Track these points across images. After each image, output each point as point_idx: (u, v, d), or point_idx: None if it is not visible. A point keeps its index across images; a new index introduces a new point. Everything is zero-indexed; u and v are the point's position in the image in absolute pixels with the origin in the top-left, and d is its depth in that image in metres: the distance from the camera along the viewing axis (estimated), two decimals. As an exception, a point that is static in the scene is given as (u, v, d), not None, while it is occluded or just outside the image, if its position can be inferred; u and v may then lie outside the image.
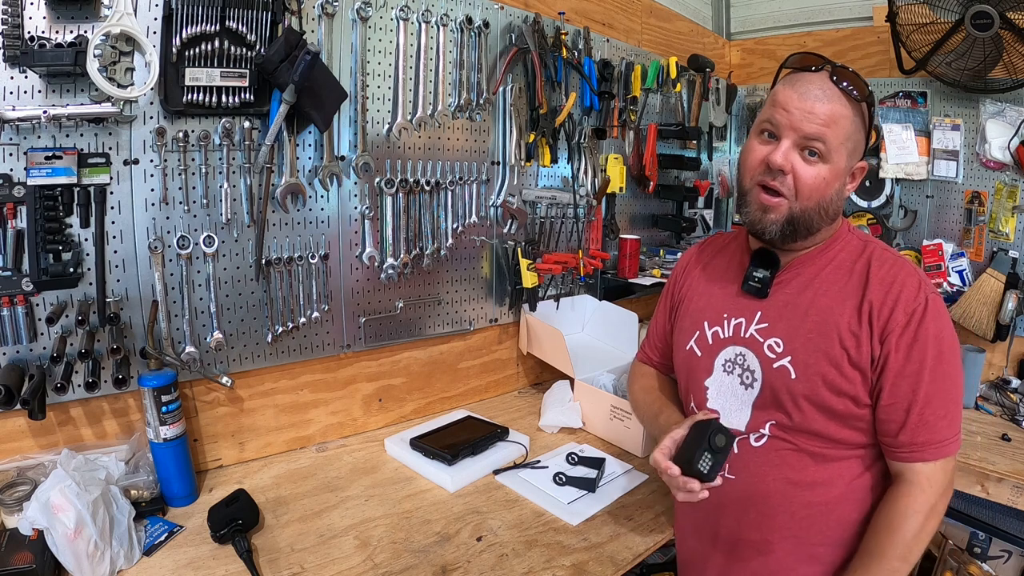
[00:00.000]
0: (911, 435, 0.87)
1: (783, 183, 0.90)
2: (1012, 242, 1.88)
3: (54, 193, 1.02)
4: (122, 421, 1.17)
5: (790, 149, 0.89)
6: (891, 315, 0.88)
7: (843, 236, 0.99)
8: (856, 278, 0.93)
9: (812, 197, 0.90)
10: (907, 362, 0.87)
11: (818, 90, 0.88)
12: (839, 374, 0.89)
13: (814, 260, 0.97)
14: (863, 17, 2.25)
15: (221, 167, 1.19)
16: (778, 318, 0.96)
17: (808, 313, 0.94)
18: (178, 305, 1.19)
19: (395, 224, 1.46)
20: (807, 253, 0.98)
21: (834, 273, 0.95)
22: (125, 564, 0.95)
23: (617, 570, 1.03)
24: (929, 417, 0.87)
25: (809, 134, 0.88)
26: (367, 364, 1.50)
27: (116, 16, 1.01)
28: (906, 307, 0.88)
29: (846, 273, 0.94)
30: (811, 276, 0.96)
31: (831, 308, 0.92)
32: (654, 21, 2.17)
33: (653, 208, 2.23)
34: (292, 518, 1.13)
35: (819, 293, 0.94)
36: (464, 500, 1.22)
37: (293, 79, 1.13)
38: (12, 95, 0.99)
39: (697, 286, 1.12)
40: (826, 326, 0.91)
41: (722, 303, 1.04)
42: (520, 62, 1.65)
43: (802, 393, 0.91)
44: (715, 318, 1.04)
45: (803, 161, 0.89)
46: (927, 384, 0.87)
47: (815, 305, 0.94)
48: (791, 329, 0.94)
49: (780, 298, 0.98)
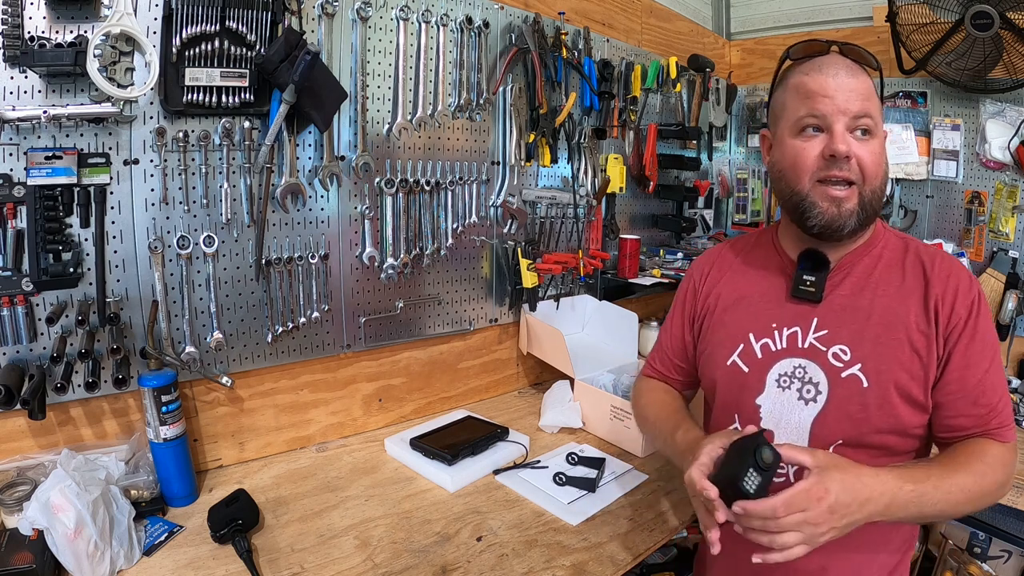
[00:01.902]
0: (983, 422, 0.86)
1: (850, 170, 0.86)
2: (1012, 242, 1.88)
3: (54, 193, 1.02)
4: (122, 421, 1.17)
5: (846, 133, 0.86)
6: (953, 309, 0.86)
7: (881, 232, 0.96)
8: (912, 274, 0.90)
9: (877, 175, 0.88)
10: (973, 355, 0.86)
11: (843, 68, 0.87)
12: (910, 378, 0.87)
13: (861, 258, 0.94)
14: (863, 17, 2.25)
15: (221, 167, 1.19)
16: (839, 323, 0.91)
17: (871, 315, 0.89)
18: (178, 305, 1.19)
19: (395, 224, 1.46)
20: (854, 251, 0.94)
21: (886, 271, 0.92)
22: (125, 564, 0.95)
23: (617, 570, 1.03)
24: (997, 404, 0.87)
25: (858, 112, 0.85)
26: (367, 364, 1.50)
27: (116, 16, 1.01)
28: (965, 300, 0.87)
29: (899, 270, 0.91)
30: (863, 275, 0.92)
31: (895, 309, 0.89)
32: (654, 21, 2.17)
33: (653, 208, 2.23)
34: (292, 518, 1.13)
35: (878, 293, 0.90)
36: (464, 500, 1.22)
37: (293, 79, 1.13)
38: (12, 95, 0.99)
39: (729, 294, 1.04)
40: (894, 328, 0.88)
41: (767, 312, 0.97)
42: (520, 62, 1.65)
43: (875, 403, 0.87)
44: (762, 329, 0.97)
45: (858, 142, 0.86)
46: (993, 374, 0.87)
47: (876, 306, 0.90)
48: (856, 334, 0.89)
49: (836, 301, 0.92)
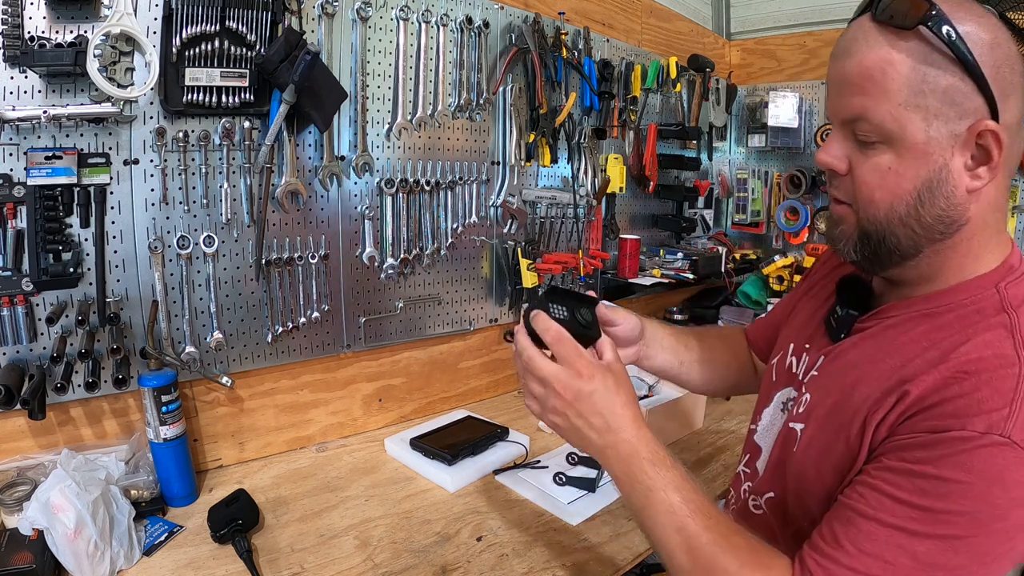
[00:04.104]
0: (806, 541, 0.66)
1: (840, 187, 0.68)
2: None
3: (54, 193, 1.02)
4: (122, 421, 1.17)
5: (839, 141, 0.66)
6: (909, 414, 0.60)
7: (982, 289, 0.64)
8: (923, 345, 0.64)
9: (876, 200, 0.64)
10: (887, 485, 0.60)
11: (849, 43, 0.62)
12: (830, 472, 0.68)
13: (916, 312, 0.67)
14: (863, 17, 2.25)
15: (221, 167, 1.19)
16: (827, 370, 0.75)
17: (847, 379, 0.69)
18: (178, 305, 1.19)
19: (395, 224, 1.46)
20: (913, 299, 0.69)
21: (919, 335, 0.66)
22: (125, 564, 0.95)
23: (617, 570, 1.03)
24: (847, 555, 0.61)
25: (846, 115, 0.63)
26: (367, 364, 1.50)
27: (116, 16, 1.01)
28: (937, 416, 0.58)
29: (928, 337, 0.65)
30: (898, 334, 0.68)
31: (866, 381, 0.66)
32: (654, 21, 2.17)
33: (653, 208, 2.23)
34: (292, 518, 1.13)
35: (881, 358, 0.67)
36: (464, 500, 1.22)
37: (293, 79, 1.13)
38: (12, 95, 0.99)
39: (808, 296, 0.92)
40: (846, 407, 0.67)
41: (808, 326, 0.85)
42: (520, 62, 1.65)
43: (795, 471, 0.73)
44: (799, 345, 0.84)
45: (861, 154, 0.64)
46: (891, 540, 0.59)
47: (862, 372, 0.68)
48: (823, 390, 0.73)
49: (852, 350, 0.72)
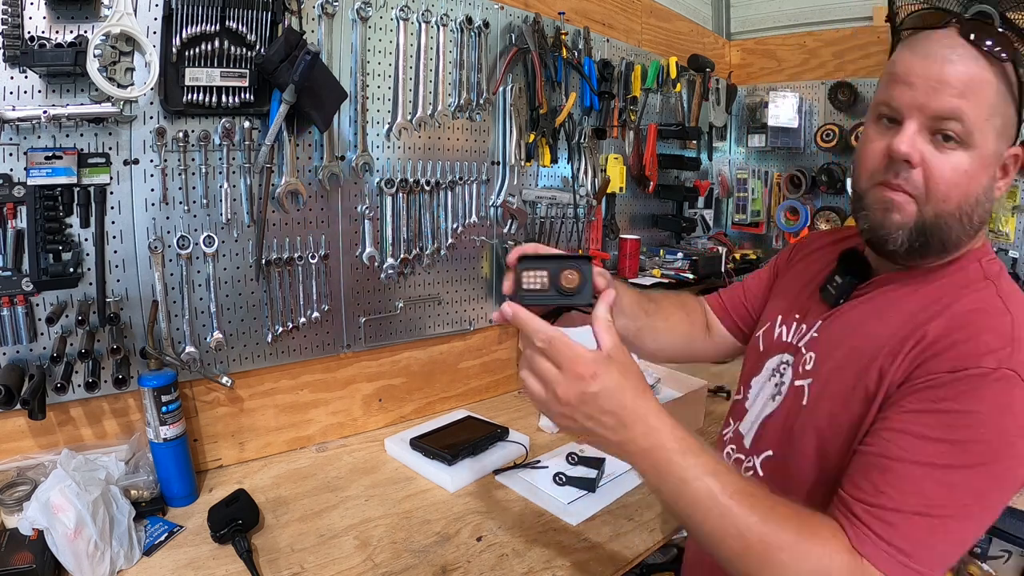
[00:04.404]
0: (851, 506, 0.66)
1: (908, 180, 0.69)
2: (1012, 242, 1.88)
3: (54, 193, 1.02)
4: (122, 421, 1.17)
5: (917, 134, 0.68)
6: (928, 356, 0.66)
7: (968, 263, 0.74)
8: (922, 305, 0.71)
9: (951, 197, 0.68)
10: (917, 427, 0.64)
11: (946, 50, 0.67)
12: (843, 416, 0.72)
13: (912, 280, 0.75)
14: (863, 17, 2.25)
15: (221, 167, 1.19)
16: (828, 333, 0.80)
17: (853, 335, 0.76)
18: (178, 305, 1.19)
19: (395, 224, 1.46)
20: (906, 272, 0.76)
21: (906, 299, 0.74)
22: (125, 564, 0.95)
23: (617, 570, 1.03)
24: (894, 503, 0.63)
25: (941, 111, 0.66)
26: (367, 364, 1.50)
27: (116, 16, 1.01)
28: (955, 356, 0.64)
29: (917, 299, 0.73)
30: (899, 296, 0.75)
31: (875, 333, 0.73)
32: (654, 21, 2.17)
33: (653, 208, 2.23)
34: (292, 518, 1.13)
35: (880, 318, 0.74)
36: (464, 500, 1.22)
37: (293, 79, 1.13)
38: (12, 95, 0.99)
39: (792, 272, 0.99)
40: (859, 354, 0.73)
41: (797, 300, 0.91)
42: (520, 62, 1.65)
43: (803, 425, 0.77)
44: (788, 315, 0.90)
45: (935, 149, 0.68)
46: (933, 475, 0.63)
47: (865, 329, 0.75)
48: (828, 344, 0.79)
49: (845, 312, 0.80)
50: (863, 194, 0.75)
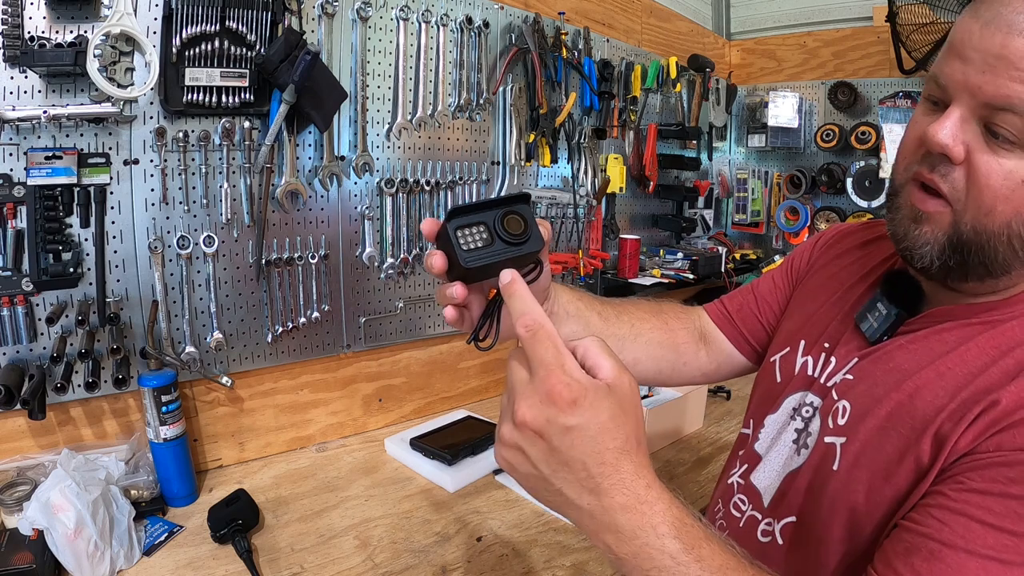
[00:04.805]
0: None
1: (946, 179, 0.55)
2: None
3: (54, 193, 1.02)
4: (122, 421, 1.17)
5: (963, 122, 0.53)
6: (1000, 426, 0.52)
7: None
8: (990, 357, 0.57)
9: (996, 210, 0.53)
10: (973, 506, 0.52)
11: (1019, 15, 0.49)
12: (884, 487, 0.59)
13: (974, 317, 0.60)
14: (863, 17, 2.25)
15: (221, 167, 1.19)
16: (866, 376, 0.65)
17: (899, 385, 0.61)
18: (178, 305, 1.19)
19: (395, 224, 1.46)
20: (972, 304, 0.61)
21: (971, 348, 0.59)
22: (125, 564, 0.95)
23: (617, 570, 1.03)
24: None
25: (995, 98, 0.51)
26: (367, 364, 1.50)
27: (116, 16, 1.01)
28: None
29: (984, 352, 0.58)
30: (957, 341, 0.60)
31: (927, 388, 0.59)
32: (654, 21, 2.17)
33: (653, 208, 2.23)
34: (292, 518, 1.13)
35: (936, 368, 0.60)
36: (464, 500, 1.22)
37: (293, 79, 1.13)
38: (12, 95, 0.99)
39: (816, 279, 0.82)
40: (907, 412, 0.59)
41: (824, 322, 0.75)
42: (520, 62, 1.65)
43: (833, 491, 0.63)
44: (813, 341, 0.75)
45: (985, 147, 0.53)
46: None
47: (915, 379, 0.60)
48: (867, 396, 0.63)
49: (899, 352, 0.64)
50: (898, 189, 0.62)
